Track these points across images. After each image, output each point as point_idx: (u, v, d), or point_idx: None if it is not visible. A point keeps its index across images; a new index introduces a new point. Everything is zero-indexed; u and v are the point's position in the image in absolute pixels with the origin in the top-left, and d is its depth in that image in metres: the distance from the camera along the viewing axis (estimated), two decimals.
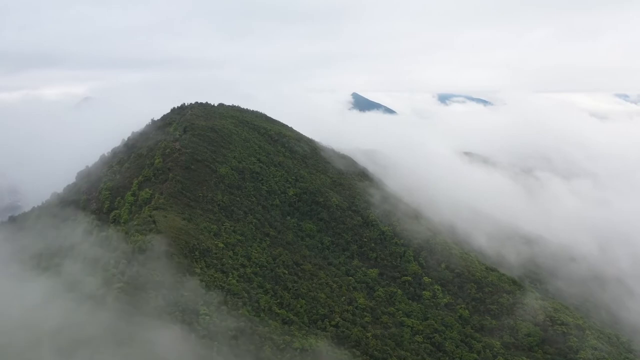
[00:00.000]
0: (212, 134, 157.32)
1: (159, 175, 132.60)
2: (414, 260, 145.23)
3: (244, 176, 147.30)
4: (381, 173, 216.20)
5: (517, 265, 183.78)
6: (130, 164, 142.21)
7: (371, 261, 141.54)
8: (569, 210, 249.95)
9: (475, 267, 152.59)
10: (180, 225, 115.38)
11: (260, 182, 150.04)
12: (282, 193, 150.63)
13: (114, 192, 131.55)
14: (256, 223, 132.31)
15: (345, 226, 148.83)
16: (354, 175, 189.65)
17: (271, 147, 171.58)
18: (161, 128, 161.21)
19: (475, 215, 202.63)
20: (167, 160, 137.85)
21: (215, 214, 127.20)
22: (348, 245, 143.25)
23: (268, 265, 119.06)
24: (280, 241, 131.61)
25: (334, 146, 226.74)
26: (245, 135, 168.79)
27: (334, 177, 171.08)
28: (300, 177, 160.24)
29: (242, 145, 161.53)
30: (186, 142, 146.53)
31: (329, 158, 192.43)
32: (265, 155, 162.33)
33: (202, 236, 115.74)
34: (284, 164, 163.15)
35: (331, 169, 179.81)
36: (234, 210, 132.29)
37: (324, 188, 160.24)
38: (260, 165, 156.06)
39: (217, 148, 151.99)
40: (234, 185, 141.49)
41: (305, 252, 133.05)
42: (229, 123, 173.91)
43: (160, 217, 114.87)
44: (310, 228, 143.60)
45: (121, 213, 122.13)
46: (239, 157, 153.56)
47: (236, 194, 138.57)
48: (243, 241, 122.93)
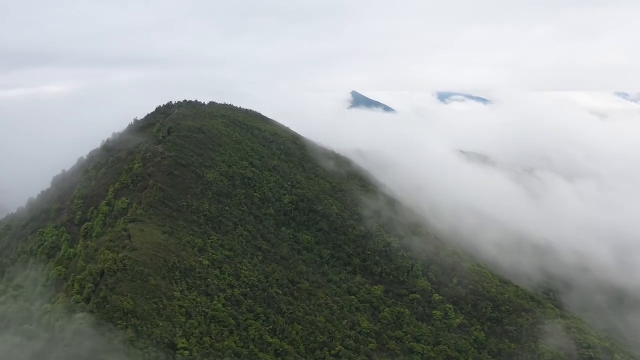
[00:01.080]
0: (200, 136, 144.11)
1: (137, 182, 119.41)
2: (422, 275, 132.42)
3: (234, 182, 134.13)
4: (382, 175, 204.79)
5: (529, 274, 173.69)
6: (107, 169, 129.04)
7: (375, 277, 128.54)
8: (576, 214, 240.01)
9: (490, 281, 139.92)
10: (160, 240, 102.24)
11: (253, 188, 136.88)
12: (276, 201, 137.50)
13: (87, 201, 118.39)
14: (247, 235, 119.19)
15: (346, 237, 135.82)
16: (355, 180, 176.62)
17: (265, 150, 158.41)
18: (143, 129, 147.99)
19: (480, 219, 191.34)
20: (147, 165, 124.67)
21: (201, 226, 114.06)
22: (350, 259, 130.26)
23: (260, 285, 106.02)
24: (273, 256, 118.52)
25: (333, 147, 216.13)
26: (236, 137, 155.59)
27: (334, 182, 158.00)
28: (296, 182, 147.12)
29: (233, 147, 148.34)
30: (170, 145, 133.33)
31: (329, 161, 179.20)
32: (258, 159, 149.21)
33: (185, 252, 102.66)
34: (279, 168, 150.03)
35: (331, 173, 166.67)
36: (222, 221, 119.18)
37: (323, 195, 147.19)
38: (253, 169, 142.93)
39: (205, 151, 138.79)
40: (223, 193, 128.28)
41: (302, 268, 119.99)
42: (219, 123, 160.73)
43: (137, 230, 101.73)
44: (307, 240, 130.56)
45: (94, 225, 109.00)
46: (229, 161, 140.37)
47: (225, 203, 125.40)
48: (232, 257, 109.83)
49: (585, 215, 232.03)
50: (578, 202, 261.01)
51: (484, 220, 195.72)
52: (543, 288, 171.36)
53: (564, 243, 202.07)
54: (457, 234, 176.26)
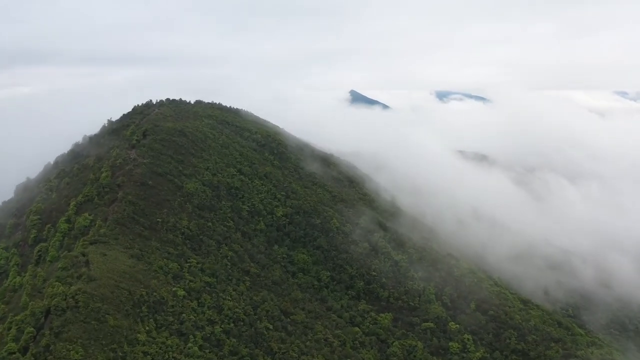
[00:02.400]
0: (181, 139, 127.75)
1: (104, 194, 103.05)
2: (436, 299, 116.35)
3: (219, 193, 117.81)
4: (383, 179, 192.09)
5: (546, 288, 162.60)
6: (72, 179, 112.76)
7: (382, 302, 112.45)
8: (586, 219, 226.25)
9: (512, 304, 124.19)
10: (125, 266, 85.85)
11: (241, 200, 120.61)
12: (268, 214, 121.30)
13: (45, 217, 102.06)
14: (232, 257, 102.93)
15: (348, 256, 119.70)
16: (357, 187, 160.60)
17: (256, 155, 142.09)
18: (117, 132, 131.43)
19: (487, 226, 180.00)
20: (116, 175, 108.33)
21: (178, 247, 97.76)
22: (353, 282, 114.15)
23: (246, 319, 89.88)
24: (264, 281, 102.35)
25: (332, 148, 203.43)
26: (223, 140, 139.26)
27: (334, 191, 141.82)
28: (291, 192, 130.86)
29: (219, 152, 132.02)
30: (144, 150, 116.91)
31: (328, 166, 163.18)
32: (247, 166, 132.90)
33: (156, 281, 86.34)
34: (272, 175, 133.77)
35: (330, 180, 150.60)
36: (204, 241, 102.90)
37: (321, 206, 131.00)
38: (242, 178, 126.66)
39: (186, 157, 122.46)
40: (205, 206, 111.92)
41: (297, 295, 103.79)
42: (204, 125, 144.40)
43: (97, 255, 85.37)
44: (303, 260, 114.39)
45: (49, 247, 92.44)
46: (214, 168, 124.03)
47: (208, 218, 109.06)
48: (213, 284, 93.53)
49: (594, 220, 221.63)
50: (585, 206, 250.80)
51: (491, 227, 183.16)
52: (562, 303, 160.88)
53: (578, 251, 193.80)
54: (466, 245, 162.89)
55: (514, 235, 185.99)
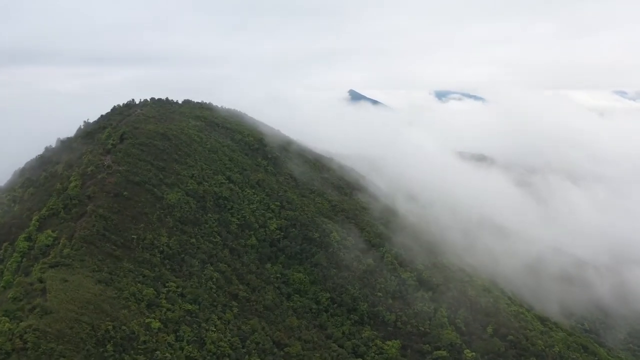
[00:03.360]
0: (163, 143, 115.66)
1: (72, 207, 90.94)
2: (449, 323, 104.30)
3: (205, 205, 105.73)
4: (384, 182, 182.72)
5: (561, 303, 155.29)
6: (37, 189, 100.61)
7: (389, 327, 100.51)
8: (595, 224, 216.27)
9: (532, 326, 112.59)
10: (90, 294, 73.79)
11: (230, 212, 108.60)
12: (260, 227, 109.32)
13: (3, 234, 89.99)
14: (219, 279, 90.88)
15: (350, 274, 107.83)
16: (359, 194, 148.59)
17: (248, 160, 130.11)
18: (91, 135, 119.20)
19: (495, 233, 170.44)
20: (87, 184, 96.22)
21: (155, 268, 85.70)
22: (355, 304, 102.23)
23: (233, 354, 78.05)
24: (254, 306, 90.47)
25: (332, 151, 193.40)
26: (212, 144, 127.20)
27: (334, 200, 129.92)
28: (287, 202, 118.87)
29: (206, 158, 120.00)
30: (121, 156, 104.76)
31: (328, 171, 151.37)
32: (238, 172, 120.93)
33: (126, 311, 74.25)
34: (265, 183, 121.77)
35: (330, 187, 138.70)
36: (186, 260, 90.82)
37: (320, 217, 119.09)
38: (231, 186, 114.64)
39: (168, 163, 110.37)
40: (189, 220, 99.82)
41: (293, 322, 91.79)
42: (191, 127, 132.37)
43: (57, 281, 73.30)
44: (300, 279, 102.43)
45: (4, 270, 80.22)
46: (200, 175, 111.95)
47: (191, 233, 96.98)
48: (195, 313, 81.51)
49: (602, 226, 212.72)
50: (592, 211, 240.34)
51: (498, 234, 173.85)
52: (577, 317, 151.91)
53: (590, 260, 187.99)
54: (473, 255, 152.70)
55: (522, 243, 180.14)
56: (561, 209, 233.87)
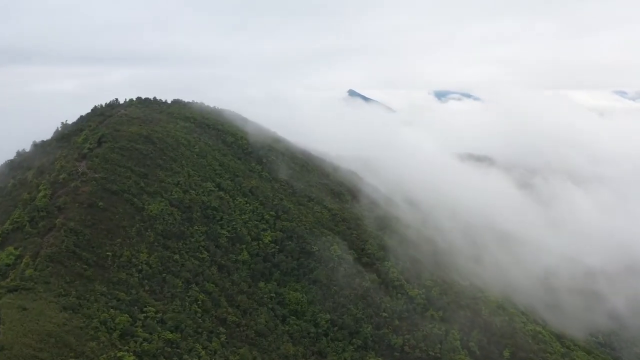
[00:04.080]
0: (146, 147, 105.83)
1: (39, 220, 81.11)
2: (462, 347, 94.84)
3: (192, 216, 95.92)
4: (386, 187, 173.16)
5: (575, 316, 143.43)
6: (3, 198, 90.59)
7: (396, 352, 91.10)
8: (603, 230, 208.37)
9: (552, 348, 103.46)
10: (53, 324, 63.93)
11: (219, 223, 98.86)
12: (253, 240, 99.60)
13: None
14: (204, 301, 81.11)
15: (353, 292, 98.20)
16: (361, 201, 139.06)
17: (241, 165, 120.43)
18: (68, 137, 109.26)
19: (501, 240, 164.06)
20: (58, 194, 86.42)
21: (131, 290, 75.91)
22: (358, 326, 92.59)
23: None
24: (245, 332, 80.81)
25: (331, 153, 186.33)
26: (201, 148, 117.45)
27: (335, 209, 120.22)
28: (283, 211, 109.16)
29: (194, 163, 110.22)
30: (97, 162, 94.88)
31: (327, 177, 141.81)
32: (229, 179, 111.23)
33: (95, 344, 64.45)
34: (259, 191, 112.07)
35: (330, 194, 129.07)
36: (168, 280, 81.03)
37: (319, 228, 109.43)
38: (221, 195, 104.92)
39: (151, 170, 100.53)
40: (172, 233, 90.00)
41: (289, 349, 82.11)
42: (179, 129, 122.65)
43: (14, 310, 63.48)
44: (297, 299, 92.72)
45: None
46: (187, 183, 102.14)
47: (174, 249, 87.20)
48: (177, 342, 71.70)
49: (611, 231, 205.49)
50: (598, 214, 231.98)
51: (505, 241, 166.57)
52: (591, 329, 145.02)
53: (600, 268, 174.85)
54: (481, 266, 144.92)
55: (530, 251, 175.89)
56: (566, 213, 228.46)
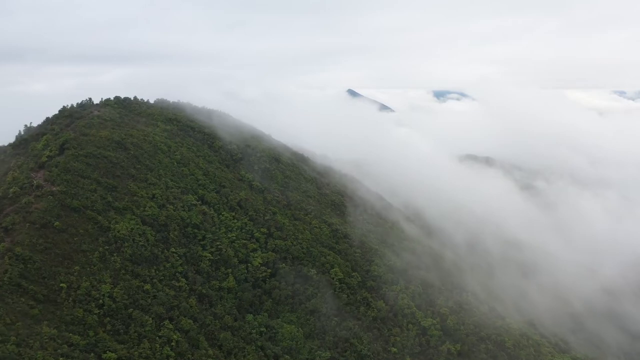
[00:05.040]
0: (118, 154, 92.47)
1: None
2: None
3: (168, 235, 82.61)
4: (388, 194, 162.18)
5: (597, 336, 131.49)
6: None
7: None
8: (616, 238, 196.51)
9: None
10: None
11: (201, 244, 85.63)
12: (241, 263, 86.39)
13: None
14: (180, 341, 67.70)
15: (357, 324, 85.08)
16: (364, 213, 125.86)
17: (228, 174, 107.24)
18: (25, 144, 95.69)
19: (514, 250, 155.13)
20: (6, 211, 73.09)
21: (89, 331, 62.58)
22: None
23: None
24: None
25: (330, 155, 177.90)
26: (183, 154, 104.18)
27: (336, 224, 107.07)
28: (276, 227, 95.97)
29: (174, 172, 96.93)
30: (57, 172, 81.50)
31: (327, 185, 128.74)
32: (214, 190, 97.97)
33: None
34: (249, 204, 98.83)
35: (330, 206, 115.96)
36: (135, 317, 67.63)
37: (318, 246, 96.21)
38: (204, 209, 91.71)
39: (122, 181, 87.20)
40: (144, 258, 76.64)
41: None
42: (159, 132, 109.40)
43: None
44: (291, 333, 79.49)
45: None
46: (164, 196, 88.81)
47: (145, 277, 73.88)
48: None
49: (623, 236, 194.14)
50: (609, 220, 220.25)
51: (515, 251, 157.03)
52: (612, 349, 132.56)
53: (616, 277, 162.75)
54: (496, 282, 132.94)
55: (544, 263, 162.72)
56: (574, 219, 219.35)
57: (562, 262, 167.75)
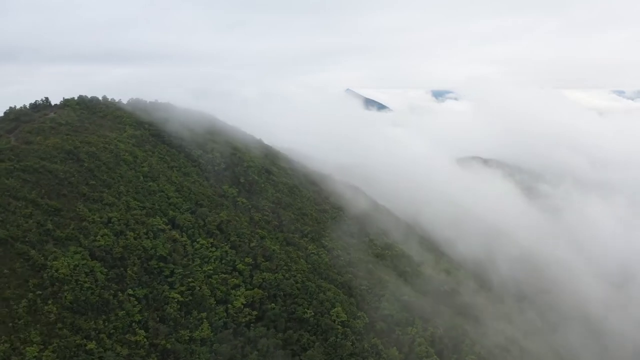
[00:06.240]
0: (66, 168, 75.72)
1: None
2: None
3: (125, 272, 65.69)
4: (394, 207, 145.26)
5: None
6: None
7: None
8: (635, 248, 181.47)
9: None
10: None
11: (168, 281, 68.89)
12: (218, 304, 69.74)
13: None
14: None
15: None
16: (371, 229, 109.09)
17: (207, 189, 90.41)
18: None
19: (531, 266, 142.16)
20: None
21: None
22: None
23: None
24: None
25: (330, 160, 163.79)
26: (152, 165, 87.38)
27: (337, 248, 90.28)
28: (264, 256, 79.21)
29: (139, 188, 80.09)
30: None
31: (326, 200, 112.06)
32: (189, 210, 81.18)
33: None
34: (232, 227, 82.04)
35: (331, 225, 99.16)
36: None
37: (316, 280, 79.46)
38: (174, 235, 74.79)
39: (68, 202, 70.39)
40: (89, 306, 59.84)
41: None
42: (125, 138, 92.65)
43: None
44: None
45: None
46: (122, 220, 71.92)
47: (89, 331, 57.13)
48: None
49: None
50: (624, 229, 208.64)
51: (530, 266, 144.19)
52: None
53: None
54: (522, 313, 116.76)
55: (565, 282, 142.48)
56: (584, 226, 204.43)
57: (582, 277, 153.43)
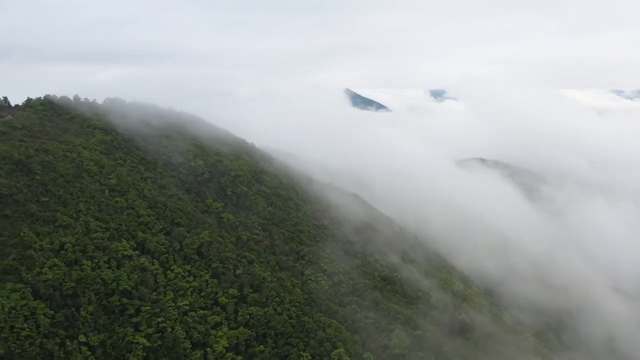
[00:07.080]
0: (12, 182, 63.73)
1: None
2: None
3: (76, 314, 53.50)
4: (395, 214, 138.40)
5: None
6: None
7: None
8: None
9: None
10: None
11: (133, 322, 56.62)
12: (195, 348, 57.57)
13: None
14: None
15: None
16: (375, 246, 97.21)
17: (187, 204, 78.38)
18: None
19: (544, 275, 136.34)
20: None
21: None
22: None
23: None
24: None
25: (329, 164, 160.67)
26: (120, 176, 75.32)
27: (339, 273, 78.18)
28: (252, 286, 67.17)
29: (103, 206, 67.98)
30: None
31: (325, 213, 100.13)
32: (162, 231, 69.06)
33: None
34: (214, 250, 69.97)
35: (330, 244, 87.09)
36: None
37: (314, 313, 67.43)
38: (143, 263, 62.60)
39: (10, 224, 58.33)
40: (28, 359, 47.45)
41: None
42: (92, 144, 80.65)
43: None
44: None
45: None
46: (78, 246, 59.88)
47: None
48: None
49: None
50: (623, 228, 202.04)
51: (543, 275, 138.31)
52: None
53: None
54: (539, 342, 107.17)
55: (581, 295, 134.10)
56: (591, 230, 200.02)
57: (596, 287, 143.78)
